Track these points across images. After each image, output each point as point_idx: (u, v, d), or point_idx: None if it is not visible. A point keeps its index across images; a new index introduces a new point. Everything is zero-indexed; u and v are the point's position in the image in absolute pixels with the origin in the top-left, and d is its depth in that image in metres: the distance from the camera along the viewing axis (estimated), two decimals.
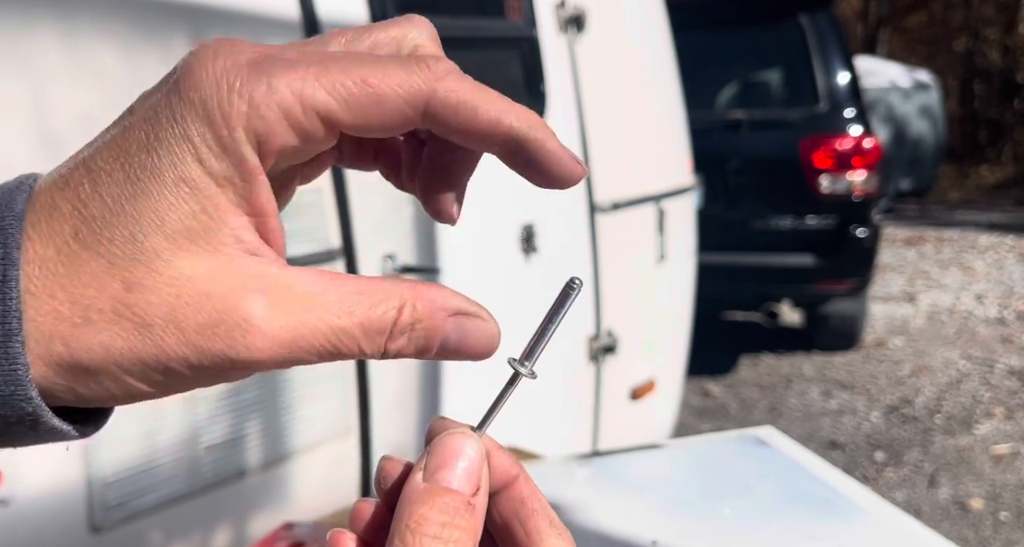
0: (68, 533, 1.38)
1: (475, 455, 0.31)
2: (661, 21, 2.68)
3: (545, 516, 0.33)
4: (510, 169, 0.31)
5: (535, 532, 0.32)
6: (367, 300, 0.28)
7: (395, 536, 0.28)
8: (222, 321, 0.26)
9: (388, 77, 0.27)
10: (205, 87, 0.26)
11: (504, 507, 0.32)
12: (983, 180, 13.43)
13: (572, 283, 0.33)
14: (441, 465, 0.30)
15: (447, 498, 0.29)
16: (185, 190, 0.25)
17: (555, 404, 2.33)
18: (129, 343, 0.26)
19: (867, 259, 4.60)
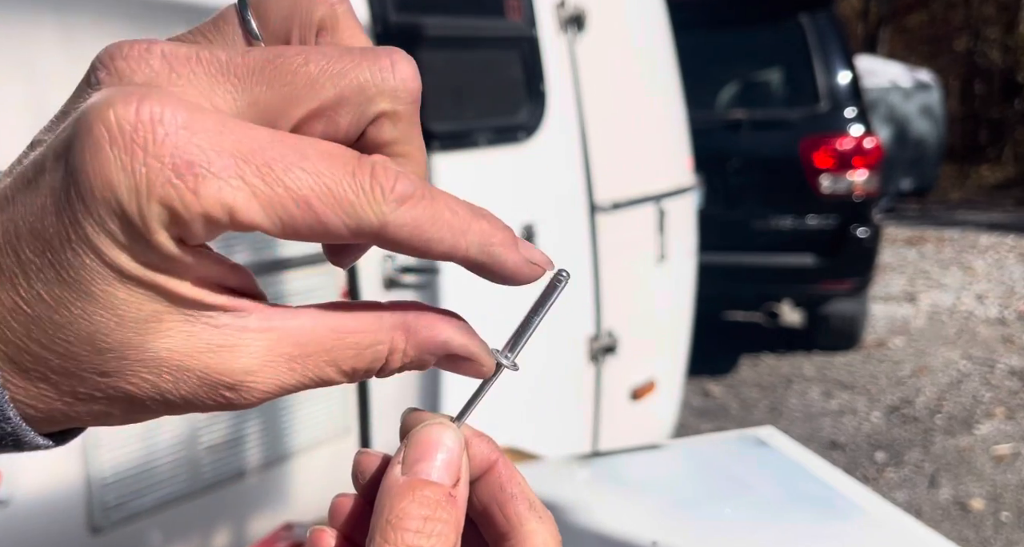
0: (67, 533, 1.38)
1: (454, 446, 0.30)
2: (662, 20, 2.68)
3: (524, 499, 0.32)
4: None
5: (514, 516, 0.32)
6: (353, 347, 0.27)
7: (376, 532, 0.28)
8: (208, 389, 0.26)
9: (335, 201, 0.24)
10: (115, 187, 0.22)
11: (483, 493, 0.32)
12: (984, 180, 13.42)
13: (559, 275, 0.33)
14: (420, 457, 0.29)
15: (427, 491, 0.28)
16: (129, 285, 0.24)
17: (555, 404, 2.33)
18: (114, 409, 0.26)
19: (868, 259, 4.60)
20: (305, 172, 0.24)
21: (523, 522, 0.32)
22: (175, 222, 0.23)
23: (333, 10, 0.28)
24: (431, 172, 1.91)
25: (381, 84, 0.26)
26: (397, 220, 0.25)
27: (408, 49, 0.28)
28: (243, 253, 1.58)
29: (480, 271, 0.30)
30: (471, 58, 2.11)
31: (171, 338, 0.25)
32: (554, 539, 0.32)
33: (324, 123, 0.26)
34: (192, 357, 0.25)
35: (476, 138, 2.02)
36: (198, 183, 0.23)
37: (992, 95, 15.35)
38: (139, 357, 0.25)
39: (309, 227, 0.24)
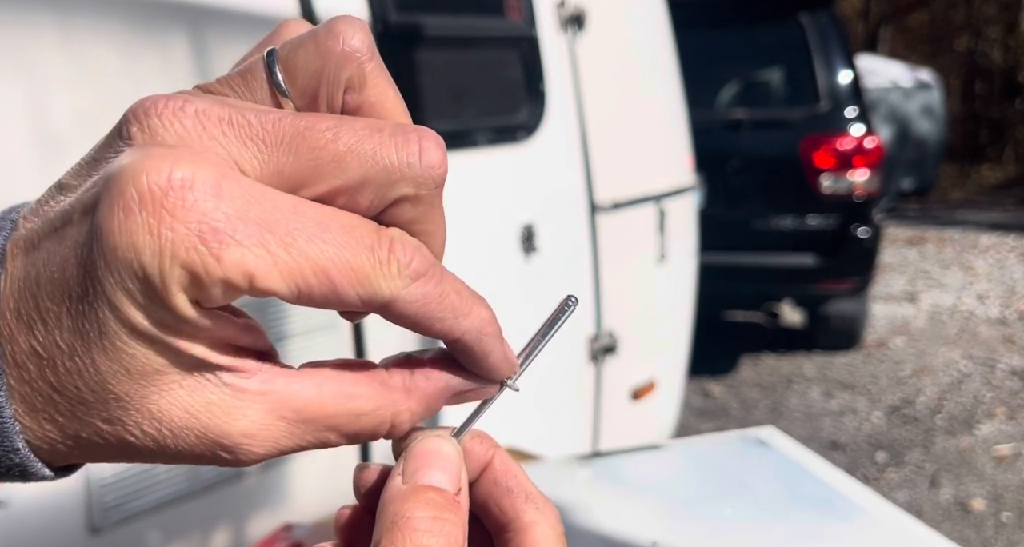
0: (66, 534, 1.38)
1: (453, 456, 0.30)
2: (662, 20, 2.67)
3: (521, 492, 0.32)
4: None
5: (511, 510, 0.32)
6: (354, 413, 0.28)
7: (381, 536, 0.27)
8: (206, 447, 0.26)
9: (353, 274, 0.25)
10: (139, 249, 0.23)
11: (481, 489, 0.32)
12: (984, 179, 13.42)
13: (568, 301, 0.34)
14: (419, 467, 0.29)
15: (431, 494, 0.28)
16: (141, 341, 0.24)
17: (555, 404, 2.32)
18: (113, 453, 0.27)
19: (868, 259, 4.60)
20: (326, 244, 0.25)
21: (520, 514, 0.32)
22: (195, 286, 0.24)
23: (361, 69, 0.28)
24: None
25: (407, 170, 0.26)
26: (408, 296, 0.26)
27: (408, 49, 0.27)
28: None
29: (464, 355, 0.30)
30: (471, 58, 2.11)
31: (174, 394, 0.25)
32: (552, 529, 0.32)
33: (346, 199, 0.26)
34: (192, 415, 0.26)
35: (476, 138, 2.02)
36: (222, 250, 0.23)
37: (993, 95, 15.35)
38: (141, 409, 0.25)
39: (324, 296, 0.25)
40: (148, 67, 1.45)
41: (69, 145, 1.35)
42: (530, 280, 2.14)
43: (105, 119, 1.53)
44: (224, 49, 1.55)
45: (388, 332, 1.85)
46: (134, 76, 1.43)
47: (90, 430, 0.26)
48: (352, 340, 1.77)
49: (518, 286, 2.11)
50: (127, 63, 1.42)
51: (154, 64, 1.46)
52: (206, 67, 1.52)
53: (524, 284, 2.12)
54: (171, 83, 1.48)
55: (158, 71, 1.46)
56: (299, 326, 1.68)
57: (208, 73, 1.52)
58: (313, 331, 1.69)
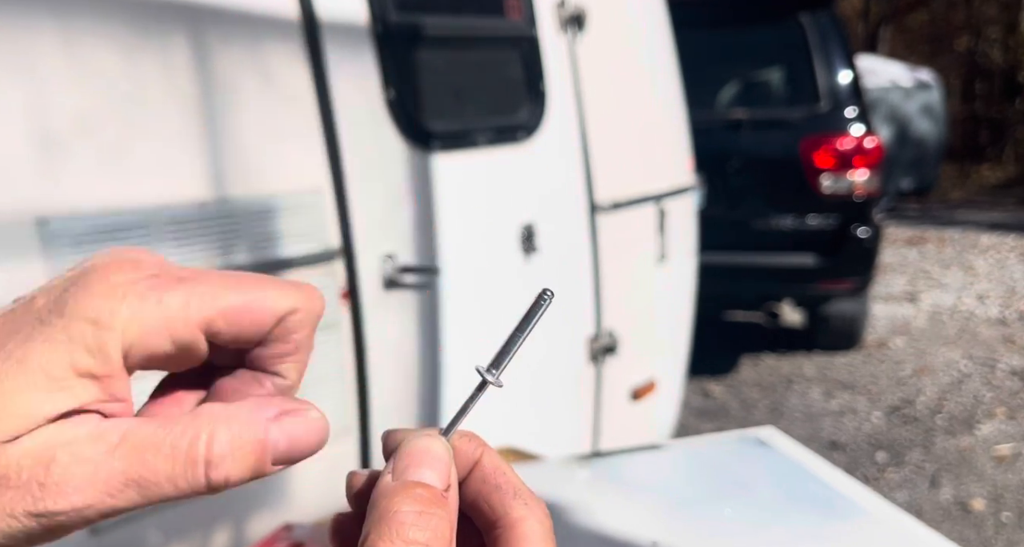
0: None
1: (443, 454, 0.31)
2: (662, 20, 2.67)
3: (509, 489, 0.32)
4: None
5: (499, 506, 0.32)
6: (167, 441, 0.27)
7: (370, 530, 0.28)
8: (32, 479, 0.26)
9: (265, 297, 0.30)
10: (99, 297, 0.27)
11: (470, 488, 0.33)
12: (984, 179, 13.41)
13: (544, 295, 0.34)
14: (409, 465, 0.30)
15: (420, 490, 0.29)
16: (48, 379, 0.27)
17: (555, 404, 2.32)
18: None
19: (868, 259, 4.60)
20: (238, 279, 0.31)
21: (508, 510, 0.32)
22: (137, 323, 0.28)
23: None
24: (432, 172, 1.91)
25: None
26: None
27: (408, 49, 0.28)
28: (244, 253, 1.58)
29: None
30: (471, 58, 2.11)
31: (49, 433, 0.27)
32: (540, 524, 0.32)
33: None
34: (37, 448, 0.27)
35: (476, 138, 2.02)
36: (163, 293, 0.29)
37: (993, 95, 15.34)
38: (21, 443, 0.26)
39: (228, 338, 0.30)
40: (148, 67, 1.45)
41: (69, 146, 1.35)
42: (530, 280, 2.14)
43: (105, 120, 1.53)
44: (224, 50, 1.55)
45: (388, 332, 1.85)
46: (134, 76, 1.43)
47: None
48: (352, 340, 1.77)
49: (518, 286, 2.11)
50: (128, 64, 1.42)
51: (154, 64, 1.46)
52: (207, 68, 1.52)
53: (524, 284, 2.12)
54: (172, 83, 1.48)
55: (158, 71, 1.46)
56: None
57: (209, 73, 1.52)
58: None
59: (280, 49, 1.63)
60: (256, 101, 1.59)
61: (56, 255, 1.34)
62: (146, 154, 1.45)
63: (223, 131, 1.54)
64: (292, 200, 1.64)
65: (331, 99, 1.69)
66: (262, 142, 1.60)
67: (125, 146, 1.42)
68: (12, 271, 1.30)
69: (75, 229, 1.35)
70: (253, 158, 1.59)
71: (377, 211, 1.79)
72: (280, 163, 1.64)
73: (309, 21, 1.66)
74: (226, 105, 1.54)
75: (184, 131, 1.49)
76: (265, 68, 1.60)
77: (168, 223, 1.47)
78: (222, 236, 1.54)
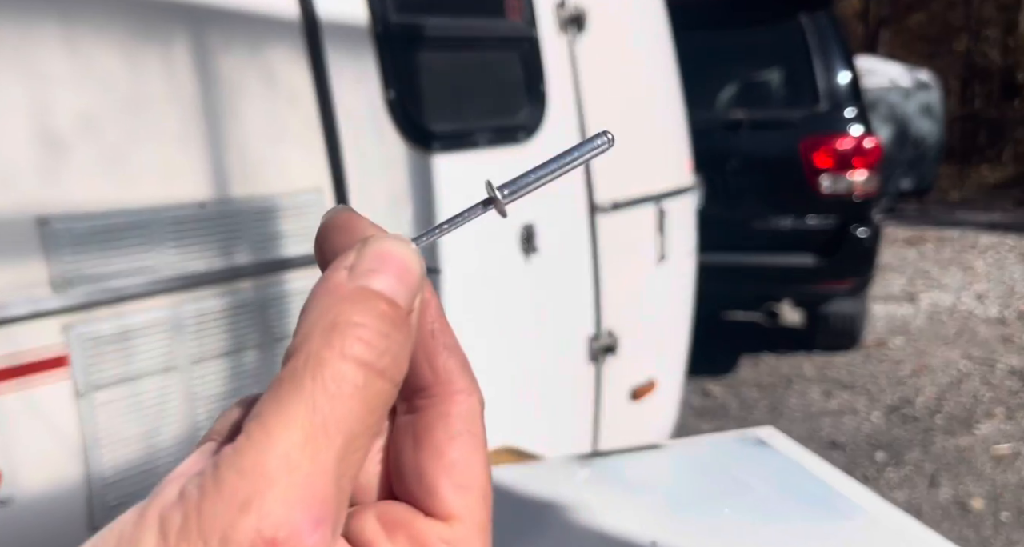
0: (68, 533, 1.38)
1: (415, 268, 0.25)
2: (661, 21, 2.67)
3: (458, 355, 0.27)
4: None
5: (443, 372, 0.27)
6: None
7: (313, 333, 0.23)
8: None
9: None
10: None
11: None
12: (983, 180, 13.42)
13: (603, 135, 0.28)
14: (373, 269, 0.24)
15: (382, 305, 0.23)
16: None
17: (555, 404, 2.33)
18: None
19: (868, 259, 4.60)
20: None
21: (452, 380, 0.27)
22: None
23: None
24: (432, 172, 1.91)
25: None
26: None
27: (408, 49, 0.26)
28: (243, 253, 1.58)
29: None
30: (471, 58, 2.11)
31: None
32: (482, 409, 0.27)
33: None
34: None
35: (476, 138, 2.02)
36: None
37: (992, 95, 15.35)
38: None
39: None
40: (149, 67, 1.45)
41: (70, 146, 1.36)
42: (530, 280, 2.14)
43: (106, 120, 1.54)
44: (225, 49, 1.55)
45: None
46: (136, 78, 1.43)
47: None
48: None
49: (518, 286, 2.11)
50: (129, 64, 1.42)
51: (155, 64, 1.46)
52: (207, 68, 1.52)
53: (524, 284, 2.13)
54: (172, 84, 1.48)
55: (159, 71, 1.47)
56: None
57: (209, 74, 1.52)
58: None
59: (281, 50, 1.63)
60: (257, 102, 1.59)
61: (56, 255, 1.34)
62: (147, 154, 1.45)
63: (224, 131, 1.54)
64: (292, 200, 1.64)
65: (331, 100, 1.70)
66: (263, 143, 1.60)
67: (126, 146, 1.42)
68: (13, 271, 1.30)
69: (75, 229, 1.36)
70: (254, 158, 1.59)
71: (377, 211, 1.80)
72: (280, 163, 1.64)
73: (310, 22, 1.66)
74: (227, 105, 1.55)
75: (185, 131, 1.49)
76: (266, 69, 1.61)
77: (168, 223, 1.47)
78: (222, 236, 1.55)
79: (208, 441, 0.25)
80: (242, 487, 0.21)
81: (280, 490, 0.21)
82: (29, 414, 1.34)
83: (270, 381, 0.23)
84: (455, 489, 0.26)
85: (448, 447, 0.26)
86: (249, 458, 0.21)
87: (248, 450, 0.21)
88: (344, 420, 0.22)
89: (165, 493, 0.22)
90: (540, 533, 1.03)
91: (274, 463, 0.21)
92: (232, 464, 0.21)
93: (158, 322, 1.47)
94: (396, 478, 0.27)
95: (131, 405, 1.45)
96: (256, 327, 1.61)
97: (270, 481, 0.21)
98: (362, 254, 0.25)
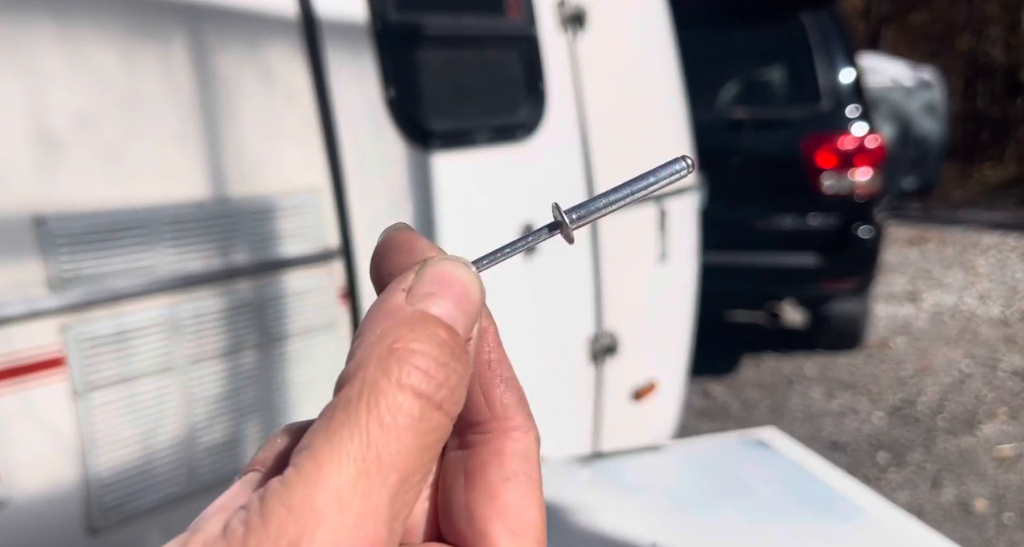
0: (65, 534, 1.37)
1: (476, 295, 0.24)
2: (663, 19, 2.66)
3: (516, 390, 0.26)
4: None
5: (500, 407, 0.25)
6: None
7: (368, 361, 0.22)
8: None
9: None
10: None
11: None
12: (986, 179, 13.40)
13: (682, 160, 0.27)
14: (435, 293, 0.23)
15: (443, 333, 0.22)
16: None
17: (556, 405, 2.32)
18: None
19: (870, 259, 4.59)
20: None
21: (509, 416, 0.25)
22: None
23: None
24: (432, 171, 1.91)
25: None
26: None
27: (408, 48, 0.24)
28: (242, 253, 1.57)
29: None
30: (471, 57, 2.10)
31: None
32: (538, 448, 0.26)
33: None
34: None
35: (476, 137, 2.01)
36: None
37: (995, 94, 15.33)
38: None
39: None
40: (148, 67, 1.44)
41: (69, 145, 1.35)
42: (530, 280, 2.13)
43: (105, 119, 1.53)
44: (223, 49, 1.54)
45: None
46: (133, 76, 1.43)
47: None
48: (351, 340, 1.76)
49: (518, 286, 2.11)
50: (127, 63, 1.42)
51: (154, 64, 1.45)
52: (205, 67, 1.51)
53: (524, 284, 2.12)
54: (170, 83, 1.47)
55: (158, 71, 1.46)
56: (299, 326, 1.67)
57: (207, 73, 1.52)
58: (313, 331, 1.69)
59: (279, 48, 1.62)
60: (255, 100, 1.58)
61: (53, 255, 1.33)
62: (144, 153, 1.44)
63: (222, 130, 1.53)
64: (291, 200, 1.63)
65: (330, 98, 1.69)
66: (261, 142, 1.60)
67: (123, 145, 1.41)
68: (10, 271, 1.30)
69: (73, 228, 1.35)
70: (252, 157, 1.58)
71: (376, 210, 1.79)
72: (279, 163, 1.63)
73: (308, 20, 1.66)
74: (225, 104, 1.54)
75: (183, 130, 1.48)
76: (264, 67, 1.60)
77: (166, 223, 1.46)
78: (221, 236, 1.54)
79: (251, 471, 0.24)
80: (290, 524, 0.20)
81: (329, 530, 0.20)
82: (26, 415, 1.33)
83: (320, 410, 0.22)
84: (508, 535, 0.24)
85: (502, 489, 0.25)
86: (298, 493, 0.20)
87: (297, 484, 0.20)
88: (399, 456, 0.21)
89: (208, 527, 0.21)
90: None
91: (324, 500, 0.20)
92: (280, 498, 0.20)
93: (156, 322, 1.46)
94: (444, 518, 0.26)
95: (129, 405, 1.44)
96: (254, 327, 1.60)
97: (320, 519, 0.20)
98: (421, 276, 0.24)
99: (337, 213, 1.70)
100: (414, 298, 0.23)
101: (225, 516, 0.21)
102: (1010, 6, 15.21)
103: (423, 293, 0.23)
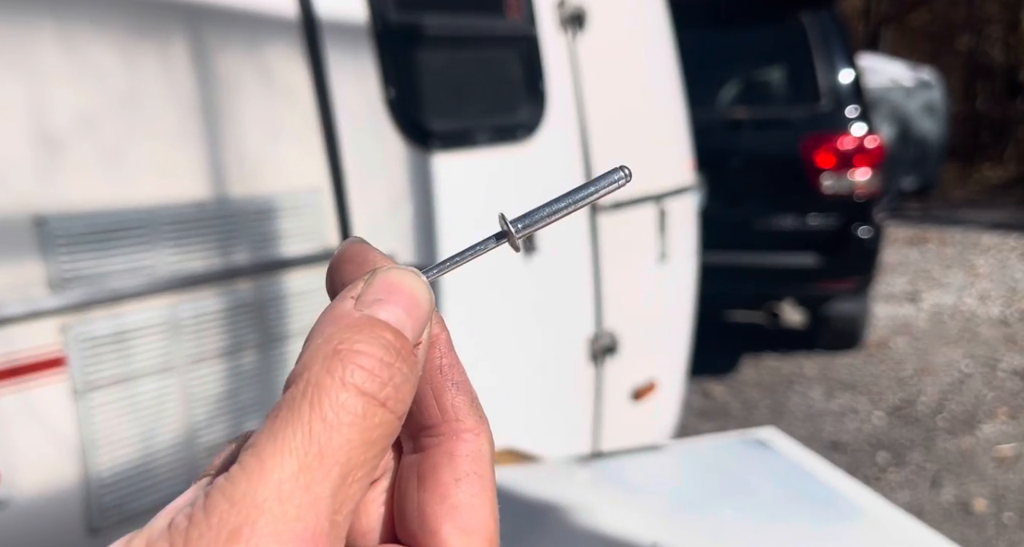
0: (65, 534, 1.37)
1: (424, 302, 0.25)
2: (663, 19, 2.67)
3: (467, 391, 0.26)
4: None
5: (451, 410, 0.26)
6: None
7: (313, 361, 0.22)
8: None
9: None
10: None
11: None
12: (986, 179, 13.40)
13: (620, 170, 0.28)
14: (383, 300, 0.24)
15: (389, 335, 0.23)
16: None
17: (555, 405, 2.32)
18: None
19: (870, 259, 4.59)
20: None
21: (460, 418, 0.26)
22: None
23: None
24: (432, 171, 1.91)
25: None
26: None
27: (408, 48, 0.25)
28: (242, 253, 1.57)
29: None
30: (471, 57, 2.11)
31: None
32: (492, 446, 0.26)
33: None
34: None
35: (476, 137, 2.01)
36: None
37: (995, 94, 15.33)
38: None
39: None
40: (148, 67, 1.45)
41: (69, 145, 1.35)
42: (530, 280, 2.13)
43: (104, 119, 1.53)
44: (223, 49, 1.54)
45: None
46: (134, 76, 1.43)
47: None
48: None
49: (518, 286, 2.11)
50: (127, 63, 1.42)
51: (153, 63, 1.45)
52: (206, 67, 1.51)
53: (524, 284, 2.12)
54: (171, 83, 1.47)
55: (157, 71, 1.46)
56: (299, 326, 1.67)
57: (208, 73, 1.52)
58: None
59: (279, 48, 1.62)
60: (255, 100, 1.58)
61: (53, 255, 1.33)
62: (145, 153, 1.44)
63: (222, 131, 1.53)
64: (291, 200, 1.64)
65: (330, 98, 1.69)
66: (261, 141, 1.60)
67: (124, 145, 1.41)
68: (10, 271, 1.30)
69: (73, 228, 1.35)
70: (252, 157, 1.58)
71: (377, 210, 1.79)
72: (279, 163, 1.63)
73: (308, 20, 1.66)
74: (225, 104, 1.54)
75: (183, 130, 1.48)
76: (264, 67, 1.60)
77: (167, 223, 1.46)
78: (221, 236, 1.54)
79: (204, 476, 0.25)
80: (232, 516, 0.20)
81: (271, 521, 0.20)
82: (26, 415, 1.33)
83: (268, 385, 0.23)
84: (459, 533, 0.25)
85: (453, 489, 0.25)
86: (241, 487, 0.21)
87: (240, 479, 0.21)
88: (341, 450, 0.21)
89: (155, 524, 0.22)
90: (541, 534, 1.02)
91: (266, 492, 0.20)
92: (223, 493, 0.21)
93: (156, 322, 1.46)
94: (399, 520, 0.26)
95: (129, 406, 1.44)
96: (254, 327, 1.60)
97: (261, 511, 0.20)
98: (370, 284, 0.24)
99: (337, 213, 1.71)
100: (362, 304, 0.24)
101: (173, 514, 0.22)
102: (1010, 6, 15.21)
103: (371, 300, 0.24)
